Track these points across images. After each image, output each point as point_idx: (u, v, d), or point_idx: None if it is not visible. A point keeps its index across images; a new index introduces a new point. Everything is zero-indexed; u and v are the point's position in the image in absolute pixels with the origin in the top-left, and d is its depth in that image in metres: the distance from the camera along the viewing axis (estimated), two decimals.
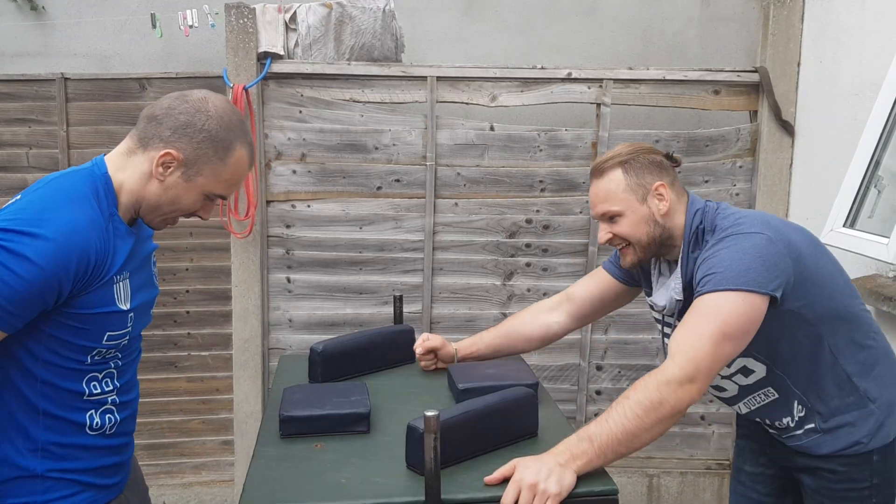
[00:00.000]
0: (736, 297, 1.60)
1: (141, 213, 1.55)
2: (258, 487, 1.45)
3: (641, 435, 1.52)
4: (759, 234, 1.67)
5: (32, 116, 3.26)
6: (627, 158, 1.78)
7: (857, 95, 2.74)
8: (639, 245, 1.79)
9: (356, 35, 3.14)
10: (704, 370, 1.57)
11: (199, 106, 1.50)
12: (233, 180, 1.55)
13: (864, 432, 1.76)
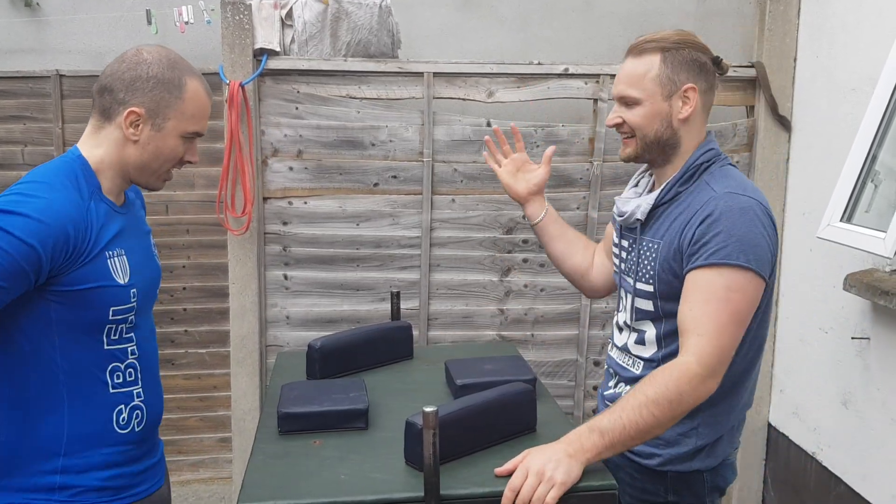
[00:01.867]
0: (745, 279, 1.55)
1: (134, 180, 1.60)
2: (257, 484, 1.44)
3: (654, 430, 1.50)
4: (763, 204, 1.61)
5: (27, 113, 3.25)
6: (671, 46, 1.67)
7: (853, 90, 2.74)
8: (643, 140, 1.70)
9: (352, 31, 3.13)
10: (725, 362, 1.55)
11: (136, 59, 1.57)
12: (199, 113, 1.60)
13: (668, 452, 1.69)
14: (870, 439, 2.61)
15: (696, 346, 1.52)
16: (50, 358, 1.50)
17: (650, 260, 1.70)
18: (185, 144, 1.61)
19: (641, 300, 1.73)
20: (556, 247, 2.06)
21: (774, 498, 3.32)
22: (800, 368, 3.10)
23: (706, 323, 1.53)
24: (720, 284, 1.54)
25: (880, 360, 2.55)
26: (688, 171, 1.68)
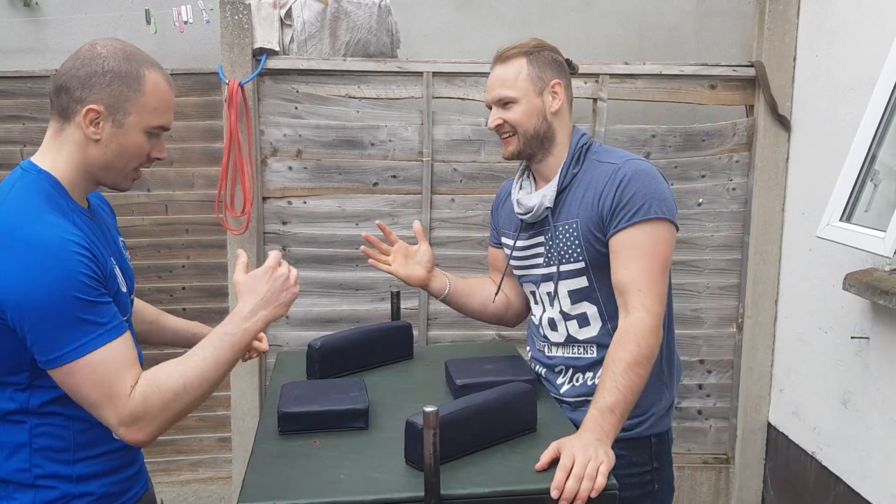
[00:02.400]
0: (664, 229, 1.73)
1: (100, 181, 1.52)
2: (257, 484, 1.44)
3: (641, 386, 1.64)
4: (653, 165, 1.81)
5: (26, 113, 3.24)
6: (532, 51, 1.85)
7: (853, 90, 2.74)
8: (524, 136, 1.85)
9: (352, 31, 3.13)
10: (664, 307, 1.73)
11: (90, 54, 1.46)
12: (162, 106, 1.50)
13: (651, 413, 1.83)
14: (869, 439, 2.61)
15: (641, 301, 1.69)
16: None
17: (572, 239, 1.83)
18: (151, 140, 1.51)
19: (572, 280, 1.85)
20: (473, 302, 2.14)
21: (774, 497, 3.32)
22: (799, 368, 3.10)
23: (643, 278, 1.70)
24: (647, 240, 1.72)
25: (880, 359, 2.55)
26: (574, 154, 1.86)
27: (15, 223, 1.35)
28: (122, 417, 1.36)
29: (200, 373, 1.42)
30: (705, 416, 3.43)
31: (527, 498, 1.43)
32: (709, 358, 3.39)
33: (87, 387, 1.35)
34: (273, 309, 1.53)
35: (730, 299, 3.36)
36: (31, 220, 1.35)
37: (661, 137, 3.24)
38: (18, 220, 1.35)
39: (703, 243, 3.31)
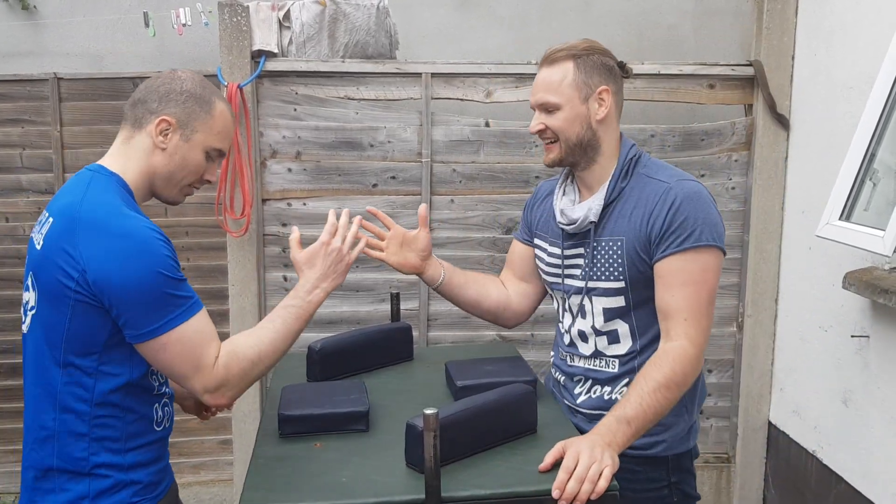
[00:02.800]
0: (713, 257, 1.69)
1: (157, 190, 1.66)
2: (258, 487, 1.44)
3: (665, 412, 1.62)
4: (704, 187, 1.75)
5: (25, 117, 3.25)
6: (581, 53, 1.76)
7: (851, 88, 2.74)
8: (566, 143, 1.78)
9: (350, 32, 3.13)
10: (708, 337, 1.71)
11: (172, 76, 1.64)
12: (224, 132, 1.66)
13: (669, 435, 1.79)
14: (870, 437, 2.61)
15: (684, 330, 1.66)
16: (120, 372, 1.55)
17: (615, 257, 1.77)
18: (207, 162, 1.66)
19: (609, 298, 1.79)
20: (468, 294, 2.02)
21: (775, 496, 3.32)
22: (800, 367, 3.11)
23: (689, 307, 1.67)
24: (696, 268, 1.68)
25: (880, 357, 2.55)
26: (624, 167, 1.79)
27: (102, 216, 1.48)
28: (207, 385, 1.52)
29: (271, 343, 1.58)
30: (706, 416, 3.44)
31: (527, 499, 1.43)
32: (709, 357, 3.39)
33: (178, 358, 1.49)
34: (332, 280, 1.69)
35: (730, 298, 3.36)
36: (116, 213, 1.49)
37: (660, 137, 3.24)
38: (104, 213, 1.49)
39: None
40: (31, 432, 1.59)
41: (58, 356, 1.52)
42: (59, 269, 1.46)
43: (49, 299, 1.50)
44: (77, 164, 3.26)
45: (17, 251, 3.31)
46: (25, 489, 1.61)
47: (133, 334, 1.48)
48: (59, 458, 1.54)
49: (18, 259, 3.31)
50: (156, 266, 1.46)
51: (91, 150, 3.27)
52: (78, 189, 1.54)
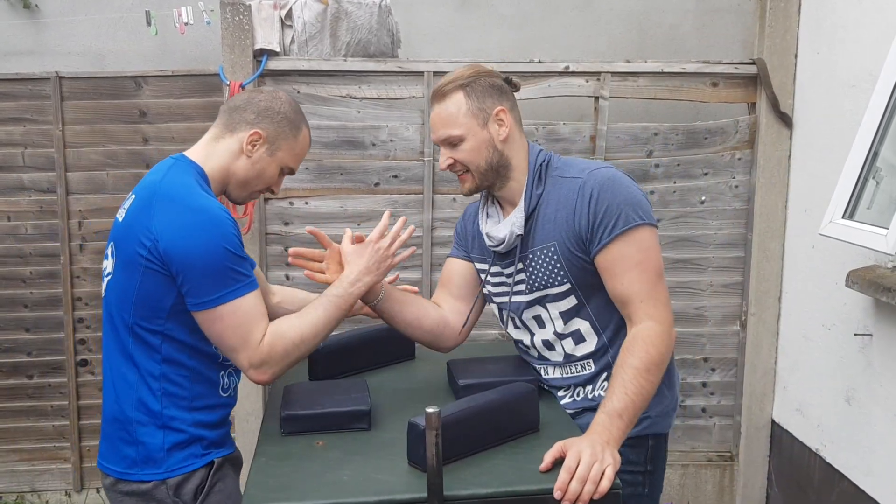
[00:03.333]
0: (646, 234, 1.70)
1: (229, 190, 1.79)
2: (260, 485, 1.44)
3: (652, 392, 1.63)
4: (615, 168, 1.77)
5: (27, 116, 3.25)
6: (468, 81, 1.76)
7: (854, 86, 2.74)
8: (477, 171, 1.78)
9: (352, 31, 3.12)
10: (671, 309, 1.71)
11: (273, 95, 1.80)
12: (301, 154, 1.83)
13: (654, 412, 1.79)
14: (873, 435, 2.60)
15: (645, 311, 1.67)
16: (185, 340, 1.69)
17: (552, 263, 1.76)
18: (279, 176, 1.82)
19: (561, 302, 1.79)
20: (407, 313, 1.89)
21: (778, 494, 3.31)
22: (803, 365, 3.10)
23: (641, 289, 1.68)
24: (632, 250, 1.68)
25: (883, 356, 2.54)
26: (535, 174, 1.79)
27: (177, 192, 1.63)
28: (252, 361, 1.63)
29: (313, 328, 1.69)
30: (709, 414, 3.43)
31: (529, 498, 1.43)
32: (712, 356, 3.39)
33: (229, 330, 1.61)
34: (373, 276, 1.79)
35: (733, 297, 3.35)
36: (191, 191, 1.63)
37: (663, 135, 3.23)
38: (180, 190, 1.63)
39: (706, 241, 3.31)
40: (111, 385, 1.72)
41: (128, 318, 1.64)
42: (135, 240, 1.60)
43: (124, 266, 1.64)
44: (79, 162, 3.26)
45: (18, 250, 3.31)
46: (106, 439, 1.75)
47: (193, 302, 1.60)
48: (136, 410, 1.67)
49: (20, 258, 3.31)
50: (222, 241, 1.59)
51: (93, 149, 3.27)
52: (159, 171, 1.69)
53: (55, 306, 3.34)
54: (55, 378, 3.37)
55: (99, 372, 3.37)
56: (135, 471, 1.68)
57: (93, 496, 3.44)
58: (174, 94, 3.25)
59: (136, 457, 1.67)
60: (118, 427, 1.70)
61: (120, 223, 1.69)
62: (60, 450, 3.42)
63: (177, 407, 1.68)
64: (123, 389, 1.68)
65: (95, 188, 3.29)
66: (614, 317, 1.77)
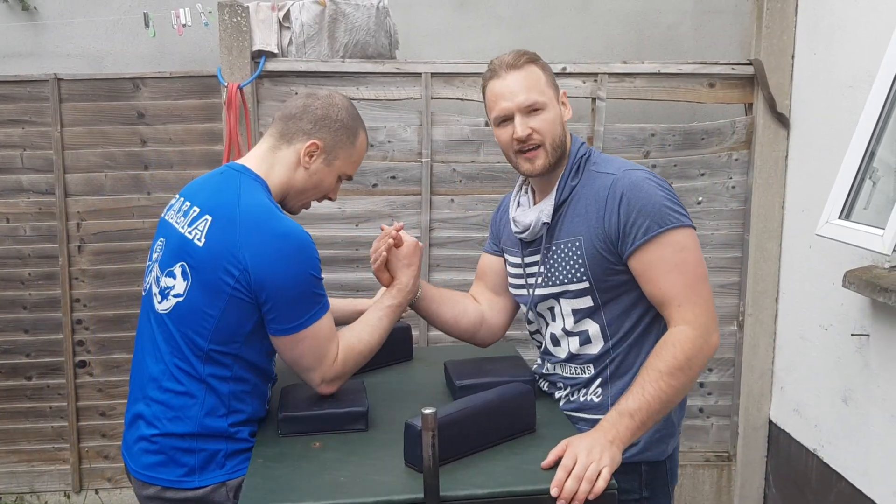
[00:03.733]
0: (682, 235, 1.64)
1: (286, 200, 1.77)
2: (257, 487, 1.45)
3: (674, 400, 1.58)
4: (649, 172, 1.72)
5: (26, 117, 3.25)
6: (535, 58, 1.75)
7: (851, 87, 2.74)
8: (552, 146, 1.72)
9: (350, 32, 3.13)
10: (712, 314, 1.63)
11: (329, 101, 1.76)
12: (359, 160, 1.82)
13: (645, 435, 1.69)
14: (870, 436, 2.61)
15: (681, 315, 1.61)
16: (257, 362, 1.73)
17: (574, 258, 1.72)
18: (336, 183, 1.81)
19: (575, 300, 1.75)
20: (445, 311, 1.94)
21: (776, 495, 3.32)
22: (800, 365, 3.10)
23: (677, 293, 1.62)
24: (667, 252, 1.63)
25: (880, 356, 2.55)
26: (573, 165, 1.76)
27: (261, 216, 1.61)
28: (326, 378, 1.68)
29: (378, 338, 1.77)
30: (707, 414, 3.44)
31: (526, 499, 1.43)
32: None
33: (308, 352, 1.65)
34: (420, 273, 1.86)
35: (730, 297, 3.36)
36: (273, 215, 1.63)
37: (660, 136, 3.24)
38: (263, 214, 1.62)
39: (703, 241, 3.31)
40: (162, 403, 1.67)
41: (202, 343, 1.63)
42: (220, 267, 1.58)
43: (205, 291, 1.61)
44: (77, 164, 3.27)
45: (17, 252, 3.31)
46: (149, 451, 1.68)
47: (277, 328, 1.63)
48: (201, 425, 1.65)
49: (19, 259, 3.31)
50: (309, 268, 1.61)
51: (91, 151, 3.27)
52: (231, 188, 1.66)
53: (54, 308, 3.34)
54: (54, 379, 3.37)
55: (98, 374, 3.37)
56: (192, 478, 1.66)
57: (91, 497, 3.44)
58: (172, 95, 3.25)
59: (196, 464, 1.66)
60: (175, 440, 1.66)
61: (199, 247, 1.62)
62: (59, 451, 3.42)
63: (241, 423, 1.68)
64: (185, 406, 1.65)
65: (94, 190, 3.29)
66: (625, 325, 1.73)
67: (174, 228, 1.70)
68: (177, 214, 1.73)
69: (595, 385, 1.78)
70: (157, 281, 1.71)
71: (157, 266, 1.73)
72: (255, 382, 1.71)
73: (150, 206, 3.30)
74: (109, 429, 3.40)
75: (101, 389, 3.38)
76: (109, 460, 3.43)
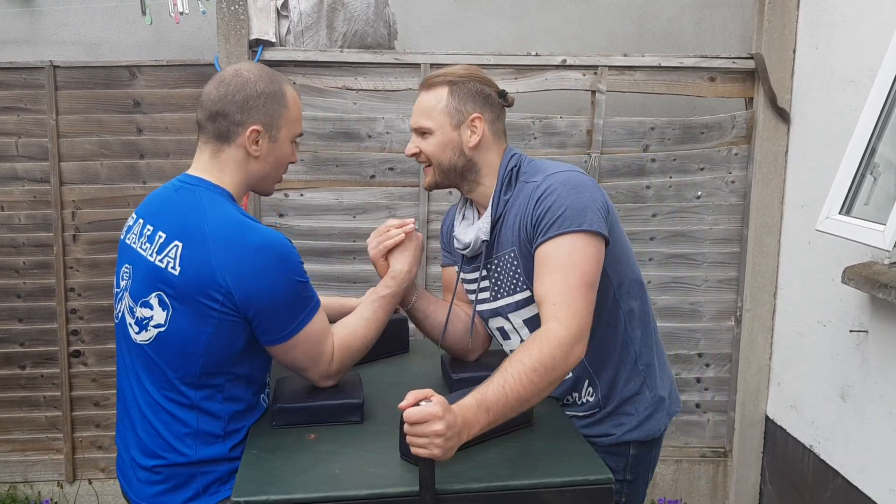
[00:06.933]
0: (582, 242, 1.61)
1: (254, 189, 1.74)
2: (251, 479, 1.43)
3: (533, 399, 1.51)
4: (581, 173, 1.71)
5: (21, 105, 3.23)
6: (457, 80, 1.76)
7: (852, 82, 2.73)
8: (439, 168, 1.78)
9: (348, 22, 3.10)
10: (586, 326, 1.59)
11: (240, 79, 1.65)
12: (299, 115, 1.74)
13: (627, 423, 1.76)
14: (868, 432, 2.60)
15: (554, 314, 1.57)
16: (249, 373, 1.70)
17: (513, 269, 1.75)
18: (292, 147, 1.75)
19: (522, 310, 1.77)
20: (440, 316, 1.92)
21: (772, 491, 3.32)
22: (798, 361, 3.10)
23: (556, 292, 1.59)
24: (561, 253, 1.61)
25: (878, 353, 2.54)
26: (503, 180, 1.76)
27: (232, 233, 1.55)
28: (323, 374, 1.68)
29: (374, 331, 1.76)
30: (703, 410, 3.43)
31: (522, 493, 1.42)
32: (707, 351, 3.38)
33: (304, 354, 1.64)
34: (417, 266, 1.84)
35: (728, 292, 3.35)
36: (243, 228, 1.56)
37: (659, 130, 3.22)
38: (233, 230, 1.55)
39: (702, 236, 3.30)
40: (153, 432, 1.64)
41: (194, 367, 1.59)
42: (203, 294, 1.53)
43: (191, 319, 1.55)
44: (73, 152, 3.24)
45: (11, 240, 3.29)
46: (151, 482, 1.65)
47: (269, 339, 1.60)
48: (199, 452, 1.62)
49: (13, 248, 3.29)
50: (293, 275, 1.58)
51: (87, 139, 3.25)
52: (193, 207, 1.59)
53: (48, 297, 3.32)
54: (48, 369, 3.36)
55: (92, 363, 3.35)
56: (198, 501, 1.64)
57: (85, 487, 3.43)
58: (168, 83, 3.23)
59: (200, 488, 1.63)
60: (178, 469, 1.63)
61: (175, 276, 1.54)
62: (53, 440, 3.40)
63: (240, 442, 1.65)
64: (181, 435, 1.62)
65: (89, 178, 3.27)
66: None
67: (139, 255, 1.63)
68: (139, 239, 1.65)
69: (585, 385, 1.80)
70: (130, 311, 1.65)
71: (128, 295, 1.65)
72: (248, 399, 1.68)
73: (145, 195, 3.24)
74: (103, 419, 3.39)
75: (95, 379, 3.37)
76: (103, 450, 3.41)
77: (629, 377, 1.80)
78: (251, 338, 1.61)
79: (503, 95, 1.81)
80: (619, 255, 1.75)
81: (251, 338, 1.61)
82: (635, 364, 1.80)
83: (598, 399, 1.80)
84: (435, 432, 1.35)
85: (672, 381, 1.91)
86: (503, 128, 1.82)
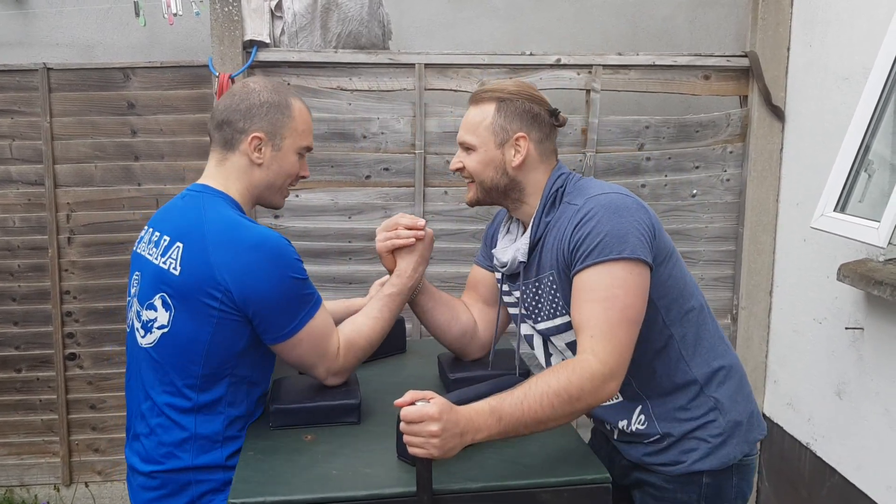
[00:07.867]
0: (623, 270, 1.53)
1: (260, 200, 1.77)
2: (248, 479, 1.43)
3: (548, 423, 1.47)
4: (625, 195, 1.63)
5: (15, 107, 3.22)
6: (506, 97, 1.70)
7: (846, 80, 2.73)
8: (481, 185, 1.73)
9: (343, 22, 3.10)
10: (623, 363, 1.52)
11: (246, 90, 1.72)
12: (308, 129, 1.77)
13: (698, 449, 1.67)
14: (864, 429, 2.61)
15: (591, 346, 1.51)
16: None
17: (552, 292, 1.69)
18: (300, 161, 1.78)
19: (564, 334, 1.72)
20: (439, 314, 1.91)
21: (769, 488, 3.32)
22: (794, 359, 3.10)
23: (595, 325, 1.52)
24: (602, 284, 1.54)
25: (874, 350, 2.55)
26: (547, 201, 1.70)
27: (228, 232, 1.59)
28: (331, 370, 1.69)
29: (380, 330, 1.78)
30: None
31: (519, 493, 1.42)
32: None
33: (309, 351, 1.65)
34: (425, 265, 1.85)
35: (724, 290, 3.35)
36: (239, 227, 1.60)
37: (654, 128, 3.23)
38: (229, 229, 1.59)
39: (697, 234, 3.31)
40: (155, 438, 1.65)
41: (196, 368, 1.61)
42: (201, 292, 1.56)
43: (192, 318, 1.58)
44: (67, 154, 3.23)
45: (6, 243, 3.28)
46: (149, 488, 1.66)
47: (271, 337, 1.62)
48: (197, 458, 1.63)
49: (8, 251, 3.28)
50: (290, 271, 1.60)
51: (81, 141, 3.24)
52: (194, 210, 1.65)
53: (43, 300, 3.31)
54: (43, 372, 3.35)
55: (88, 366, 3.34)
56: None
57: (81, 490, 3.42)
58: (163, 85, 3.22)
59: (195, 495, 1.64)
60: (173, 475, 1.64)
61: (176, 276, 1.59)
62: (49, 444, 3.39)
63: (237, 451, 1.64)
64: (178, 441, 1.63)
65: (83, 180, 3.26)
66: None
67: (148, 261, 1.68)
68: (148, 246, 1.70)
69: (637, 412, 1.72)
70: (137, 316, 1.69)
71: (136, 300, 1.70)
72: (249, 405, 1.69)
73: (140, 196, 3.27)
74: (99, 422, 3.38)
75: (91, 382, 3.36)
76: (99, 453, 3.41)
77: (692, 404, 1.69)
78: (253, 338, 1.62)
79: (555, 114, 1.74)
80: (665, 280, 1.65)
81: (253, 338, 1.62)
82: (701, 391, 1.69)
83: (654, 428, 1.70)
84: (430, 433, 1.35)
85: (753, 405, 1.78)
86: (553, 147, 1.76)
